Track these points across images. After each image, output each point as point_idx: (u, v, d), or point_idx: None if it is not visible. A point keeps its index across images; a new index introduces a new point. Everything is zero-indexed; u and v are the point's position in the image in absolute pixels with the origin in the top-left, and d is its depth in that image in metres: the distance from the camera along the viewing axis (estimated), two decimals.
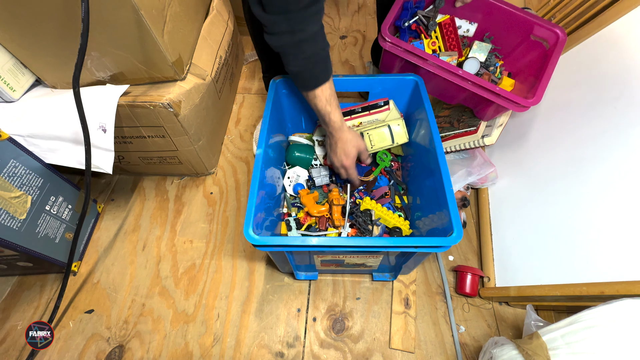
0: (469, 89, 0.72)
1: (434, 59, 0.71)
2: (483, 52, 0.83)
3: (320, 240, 0.54)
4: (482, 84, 0.70)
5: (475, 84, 0.71)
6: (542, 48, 0.77)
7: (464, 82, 0.72)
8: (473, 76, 0.71)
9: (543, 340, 0.48)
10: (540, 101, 0.69)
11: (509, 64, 0.86)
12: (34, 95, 0.74)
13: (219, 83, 0.94)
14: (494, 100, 0.71)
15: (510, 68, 0.86)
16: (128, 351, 0.74)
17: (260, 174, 0.62)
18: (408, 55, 0.73)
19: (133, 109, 0.73)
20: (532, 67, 0.79)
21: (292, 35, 0.53)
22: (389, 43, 0.73)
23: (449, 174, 0.60)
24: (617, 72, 0.65)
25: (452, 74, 0.72)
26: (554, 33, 0.74)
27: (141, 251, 0.87)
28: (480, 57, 0.83)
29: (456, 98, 0.82)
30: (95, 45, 0.65)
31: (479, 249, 0.86)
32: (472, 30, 0.86)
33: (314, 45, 0.56)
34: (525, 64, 0.82)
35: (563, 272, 0.63)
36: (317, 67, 0.59)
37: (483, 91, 0.71)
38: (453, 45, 0.85)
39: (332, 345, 0.74)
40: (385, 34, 0.72)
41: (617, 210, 0.57)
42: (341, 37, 1.37)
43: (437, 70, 0.73)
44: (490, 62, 0.84)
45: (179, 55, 0.73)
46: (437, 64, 0.72)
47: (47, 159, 0.73)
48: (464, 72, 0.70)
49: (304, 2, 0.50)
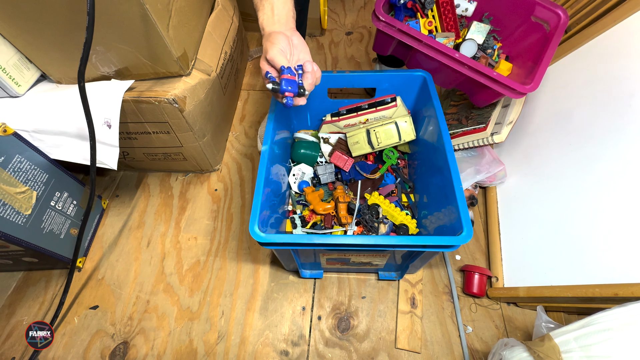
0: (465, 73, 0.69)
1: (429, 41, 0.68)
2: (481, 34, 0.80)
3: (326, 238, 0.53)
4: (479, 69, 0.67)
5: (471, 68, 0.68)
6: (543, 31, 0.74)
7: (460, 67, 0.69)
8: (470, 60, 0.68)
9: (555, 342, 0.47)
10: (537, 87, 0.66)
11: (507, 46, 0.83)
12: (39, 90, 0.74)
13: (224, 79, 0.93)
14: (489, 85, 0.69)
15: (509, 51, 0.83)
16: (133, 348, 0.74)
17: (266, 171, 0.61)
18: (402, 36, 0.70)
19: (138, 104, 0.72)
20: (531, 51, 0.76)
21: None
22: (382, 22, 0.70)
23: (459, 172, 0.59)
24: (632, 68, 0.63)
25: (448, 58, 0.69)
26: (555, 14, 0.71)
27: (146, 247, 0.87)
28: (478, 39, 0.80)
29: (451, 82, 0.79)
30: (100, 40, 0.65)
31: (486, 249, 0.84)
32: (470, 9, 0.82)
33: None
34: (524, 47, 0.79)
35: (574, 272, 0.62)
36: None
37: (479, 76, 0.69)
38: (450, 26, 0.81)
39: (337, 344, 0.73)
40: (379, 13, 0.69)
41: (631, 209, 0.55)
42: (347, 34, 1.36)
43: (433, 53, 0.69)
44: (488, 45, 0.81)
45: (184, 50, 0.73)
46: (434, 46, 0.68)
47: (52, 154, 0.73)
48: (460, 56, 0.68)
49: None
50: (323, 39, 1.35)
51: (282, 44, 0.53)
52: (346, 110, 0.83)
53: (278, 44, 0.53)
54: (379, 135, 0.77)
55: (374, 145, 0.80)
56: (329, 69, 1.24)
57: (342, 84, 0.79)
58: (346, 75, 0.77)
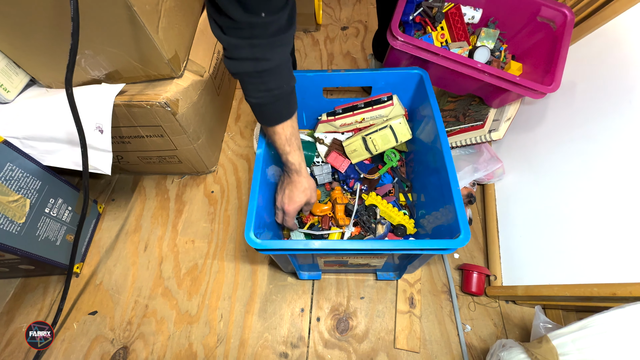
0: (486, 80, 0.70)
1: (447, 53, 0.69)
2: (491, 39, 0.80)
3: (323, 243, 0.52)
4: (501, 75, 0.68)
5: (492, 75, 0.69)
6: (549, 29, 0.74)
7: (480, 75, 0.69)
8: (491, 68, 0.68)
9: (553, 344, 0.47)
10: (559, 87, 0.66)
11: (512, 46, 0.84)
12: (29, 95, 0.72)
13: (218, 79, 0.92)
14: (512, 89, 0.69)
15: (514, 50, 0.84)
16: (132, 352, 0.74)
17: (260, 176, 0.60)
18: (420, 52, 0.70)
19: (130, 108, 0.71)
20: (540, 51, 0.76)
21: (255, 64, 0.46)
22: (400, 42, 0.69)
23: (456, 173, 0.58)
24: (631, 63, 0.62)
25: (469, 68, 0.69)
26: (561, 13, 0.71)
27: (143, 252, 0.86)
28: (489, 45, 0.80)
29: (467, 89, 0.80)
30: (88, 44, 0.63)
31: (485, 247, 0.84)
32: (477, 16, 0.83)
33: (278, 77, 0.49)
34: (531, 46, 0.79)
35: (572, 271, 0.61)
36: (279, 102, 0.52)
37: (501, 82, 0.69)
38: (460, 35, 0.81)
39: (337, 345, 0.74)
40: (396, 32, 0.68)
41: (630, 208, 0.55)
42: (342, 28, 1.33)
43: (453, 65, 0.70)
44: (495, 47, 0.82)
45: (175, 52, 0.71)
46: (452, 58, 0.68)
47: (44, 161, 0.72)
48: (483, 65, 0.68)
49: (272, 29, 0.43)
50: (318, 34, 1.32)
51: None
52: (342, 110, 0.82)
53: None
54: (376, 141, 0.77)
55: (372, 151, 0.79)
56: (325, 66, 1.23)
57: (338, 83, 0.78)
58: (341, 74, 0.76)
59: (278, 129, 0.55)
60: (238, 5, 0.40)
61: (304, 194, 0.63)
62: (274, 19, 0.42)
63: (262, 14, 0.41)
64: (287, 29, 0.46)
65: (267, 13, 0.41)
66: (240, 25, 0.42)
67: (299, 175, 0.61)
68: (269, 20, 0.42)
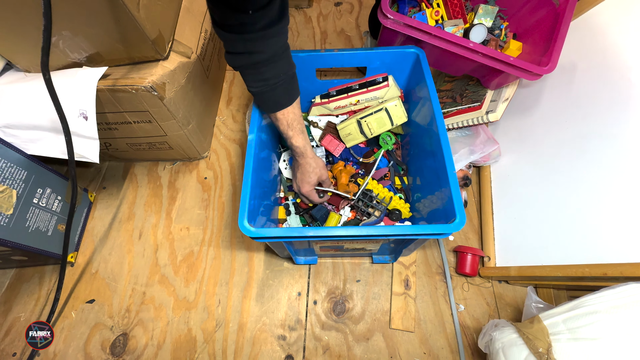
0: (479, 61, 0.67)
1: (440, 32, 0.65)
2: (489, 17, 0.77)
3: (318, 230, 0.52)
4: (494, 55, 0.65)
5: (485, 55, 0.66)
6: (552, 5, 0.71)
7: (473, 55, 0.67)
8: (484, 47, 0.65)
9: (544, 324, 0.48)
10: (555, 68, 0.64)
11: (513, 24, 0.80)
12: (6, 81, 0.69)
13: (206, 60, 0.88)
14: (505, 70, 0.67)
15: (516, 29, 0.80)
16: (132, 339, 0.75)
17: (253, 163, 0.58)
18: (412, 31, 0.67)
19: (114, 93, 0.68)
20: (541, 28, 0.73)
21: (249, 57, 0.49)
22: (390, 20, 0.66)
23: (452, 156, 0.57)
24: (631, 40, 0.60)
25: (461, 47, 0.66)
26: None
27: (138, 240, 0.86)
28: (487, 23, 0.77)
29: (463, 70, 0.77)
30: (65, 24, 0.59)
31: (479, 228, 0.85)
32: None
33: (273, 68, 0.51)
34: (533, 24, 0.76)
35: (565, 252, 0.62)
36: (277, 90, 0.54)
37: (494, 62, 0.66)
38: (457, 12, 0.78)
39: (333, 327, 0.75)
40: (386, 10, 0.65)
41: (623, 190, 0.54)
42: (336, 5, 1.27)
43: (445, 45, 0.67)
44: (495, 25, 0.78)
45: (159, 32, 0.67)
46: (445, 37, 0.66)
47: (28, 150, 0.69)
48: (475, 45, 0.65)
49: (261, 23, 0.44)
50: (310, 11, 1.26)
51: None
52: (336, 92, 0.80)
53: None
54: (371, 124, 0.75)
55: (367, 135, 0.77)
56: (318, 45, 1.18)
57: (331, 64, 0.75)
58: (335, 54, 0.73)
59: (279, 115, 0.58)
60: (225, 4, 0.42)
61: (314, 173, 0.67)
62: (261, 14, 0.43)
63: (250, 11, 0.42)
64: (279, 21, 0.46)
65: (254, 9, 0.42)
66: (230, 21, 0.44)
67: (305, 158, 0.65)
68: (257, 15, 0.43)
